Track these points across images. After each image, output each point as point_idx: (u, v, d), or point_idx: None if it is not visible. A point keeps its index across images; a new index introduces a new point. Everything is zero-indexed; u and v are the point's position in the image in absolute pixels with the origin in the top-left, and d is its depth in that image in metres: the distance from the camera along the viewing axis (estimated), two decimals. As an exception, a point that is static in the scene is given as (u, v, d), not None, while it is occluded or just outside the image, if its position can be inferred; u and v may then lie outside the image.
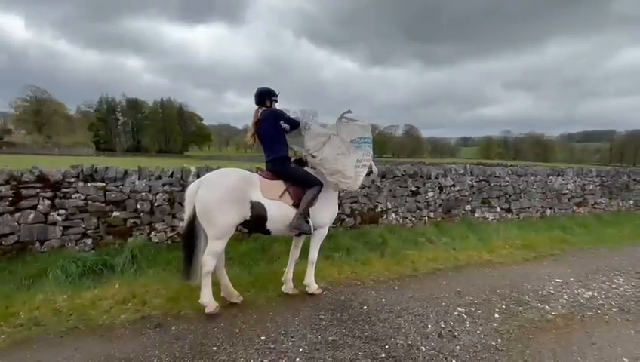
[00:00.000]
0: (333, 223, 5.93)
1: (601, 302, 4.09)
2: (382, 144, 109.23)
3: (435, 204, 6.96)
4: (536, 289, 4.42)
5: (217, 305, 3.59)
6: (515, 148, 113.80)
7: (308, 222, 3.77)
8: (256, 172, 3.85)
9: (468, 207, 7.27)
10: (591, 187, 8.89)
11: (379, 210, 6.36)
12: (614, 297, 4.25)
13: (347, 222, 6.09)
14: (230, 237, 3.62)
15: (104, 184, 4.75)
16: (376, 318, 3.57)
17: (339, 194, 4.32)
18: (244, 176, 3.64)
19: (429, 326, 3.44)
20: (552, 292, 4.37)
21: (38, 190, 4.44)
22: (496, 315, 3.71)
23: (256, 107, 3.97)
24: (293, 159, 4.03)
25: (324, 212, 3.96)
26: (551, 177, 8.38)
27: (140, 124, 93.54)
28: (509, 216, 7.67)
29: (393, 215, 6.50)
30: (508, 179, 7.77)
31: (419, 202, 6.79)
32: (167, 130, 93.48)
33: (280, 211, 3.66)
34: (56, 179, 4.54)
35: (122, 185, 4.83)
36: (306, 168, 3.97)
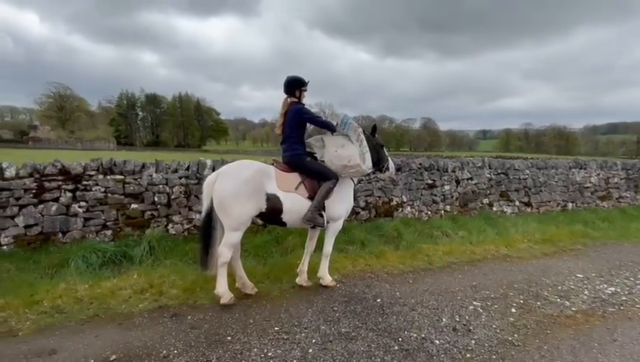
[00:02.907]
0: (348, 216, 5.94)
1: (624, 298, 3.97)
2: (399, 137, 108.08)
3: (452, 197, 6.85)
4: (556, 285, 4.31)
5: (232, 295, 3.64)
6: (536, 140, 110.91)
7: (322, 215, 3.77)
8: (273, 164, 3.87)
9: (486, 201, 7.14)
10: (615, 180, 8.59)
11: (394, 203, 6.31)
12: (638, 293, 4.12)
13: (362, 215, 6.06)
14: (246, 229, 3.67)
15: (123, 177, 4.85)
16: (390, 311, 3.56)
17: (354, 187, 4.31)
18: (261, 168, 3.66)
19: (444, 319, 3.41)
20: (572, 287, 4.26)
21: (60, 183, 4.57)
22: (513, 310, 3.65)
23: (285, 96, 3.96)
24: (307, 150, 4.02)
25: (340, 205, 3.95)
26: (573, 170, 8.13)
27: (159, 119, 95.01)
28: (529, 209, 7.49)
29: (409, 208, 6.43)
30: (528, 172, 7.58)
31: (435, 195, 6.70)
32: (186, 125, 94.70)
33: (295, 203, 3.67)
34: (77, 172, 4.66)
35: (140, 177, 4.92)
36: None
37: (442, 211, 6.72)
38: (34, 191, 4.45)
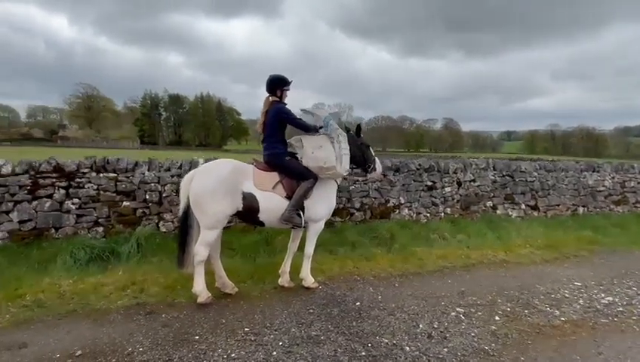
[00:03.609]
0: (342, 218, 5.87)
1: (621, 309, 3.75)
2: (419, 138, 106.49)
3: (453, 199, 6.67)
4: (549, 293, 4.12)
5: (209, 295, 3.63)
6: (563, 142, 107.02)
7: (300, 215, 3.72)
8: (253, 163, 3.85)
9: (489, 204, 6.91)
10: (632, 184, 8.16)
11: (391, 204, 6.18)
12: (638, 305, 3.88)
13: (356, 216, 5.97)
14: (223, 227, 3.68)
15: (115, 175, 4.93)
16: (367, 315, 3.47)
17: (338, 187, 4.24)
18: (237, 166, 3.65)
19: (421, 325, 3.30)
20: (566, 296, 4.06)
21: (54, 180, 4.68)
22: (497, 318, 3.49)
23: (267, 95, 3.95)
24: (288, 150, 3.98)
25: (320, 206, 3.90)
26: (585, 173, 7.77)
27: (182, 119, 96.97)
28: (536, 213, 7.21)
29: (406, 210, 6.30)
30: (535, 174, 7.29)
31: (435, 197, 6.54)
32: (207, 125, 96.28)
33: (272, 203, 3.64)
34: (71, 169, 4.77)
35: (132, 175, 4.99)
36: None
37: (442, 214, 6.54)
38: (29, 187, 4.58)
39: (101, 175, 4.87)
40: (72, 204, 4.73)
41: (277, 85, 3.87)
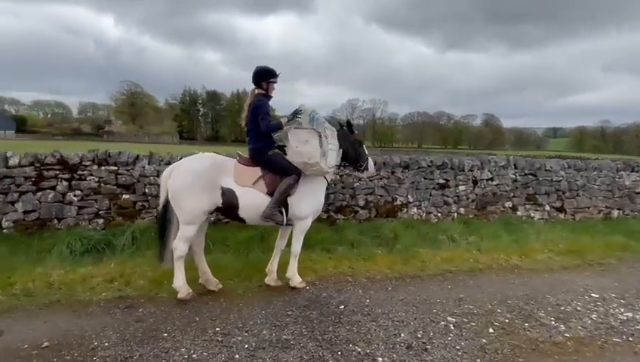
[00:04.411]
0: (345, 215, 5.66)
1: (640, 328, 3.31)
2: (457, 134, 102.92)
3: (468, 198, 6.26)
4: (559, 304, 3.73)
5: (190, 291, 3.57)
6: (615, 140, 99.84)
7: (282, 212, 3.57)
8: (236, 157, 3.74)
9: (508, 204, 6.44)
10: (679, 186, 7.33)
11: (398, 203, 5.89)
12: (663, 323, 3.41)
13: (361, 214, 5.74)
14: (202, 223, 3.59)
15: (116, 168, 5.00)
16: (347, 320, 3.27)
17: (329, 185, 4.05)
18: (217, 161, 3.56)
19: (402, 334, 3.06)
20: (578, 308, 3.65)
21: (58, 172, 4.81)
22: (491, 330, 3.18)
23: (253, 87, 3.82)
24: (275, 145, 3.83)
25: (305, 203, 3.72)
26: (621, 172, 7.07)
27: (219, 115, 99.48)
28: (562, 216, 6.64)
29: (415, 209, 5.98)
30: (562, 173, 6.70)
31: (447, 196, 6.17)
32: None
33: (252, 199, 3.51)
34: (74, 162, 4.88)
35: (132, 169, 5.04)
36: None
37: (455, 214, 6.16)
38: (33, 179, 4.72)
39: (102, 168, 4.95)
40: (74, 195, 4.84)
41: (262, 77, 3.72)
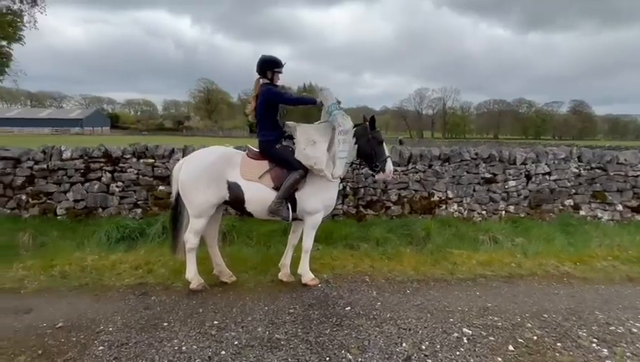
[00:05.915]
0: (375, 211, 5.39)
1: None
2: (539, 124, 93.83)
3: (519, 195, 5.60)
4: (609, 323, 3.15)
5: (201, 281, 3.64)
6: None
7: (288, 207, 3.46)
8: (245, 150, 3.71)
9: (569, 202, 5.64)
10: None
11: (435, 198, 5.46)
12: None
13: (393, 210, 5.42)
14: (210, 216, 3.60)
15: (153, 160, 5.28)
16: (349, 323, 3.08)
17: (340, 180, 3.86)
18: (224, 154, 3.55)
19: (404, 344, 2.80)
20: (633, 330, 3.05)
21: (102, 164, 5.21)
22: (511, 347, 2.78)
23: (258, 77, 3.75)
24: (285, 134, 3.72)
25: (314, 198, 3.58)
26: None
27: (286, 108, 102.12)
28: (638, 217, 5.65)
29: (455, 206, 5.49)
30: (641, 167, 5.70)
31: (494, 192, 5.57)
32: (309, 114, 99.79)
33: (258, 193, 3.45)
34: (117, 155, 5.24)
35: (168, 161, 5.28)
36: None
37: (502, 212, 5.55)
38: (82, 170, 5.17)
39: (141, 161, 5.26)
40: (117, 186, 5.21)
41: (268, 66, 3.61)
